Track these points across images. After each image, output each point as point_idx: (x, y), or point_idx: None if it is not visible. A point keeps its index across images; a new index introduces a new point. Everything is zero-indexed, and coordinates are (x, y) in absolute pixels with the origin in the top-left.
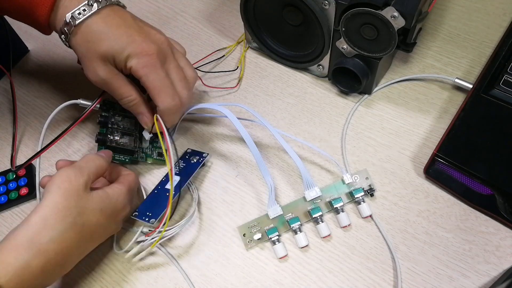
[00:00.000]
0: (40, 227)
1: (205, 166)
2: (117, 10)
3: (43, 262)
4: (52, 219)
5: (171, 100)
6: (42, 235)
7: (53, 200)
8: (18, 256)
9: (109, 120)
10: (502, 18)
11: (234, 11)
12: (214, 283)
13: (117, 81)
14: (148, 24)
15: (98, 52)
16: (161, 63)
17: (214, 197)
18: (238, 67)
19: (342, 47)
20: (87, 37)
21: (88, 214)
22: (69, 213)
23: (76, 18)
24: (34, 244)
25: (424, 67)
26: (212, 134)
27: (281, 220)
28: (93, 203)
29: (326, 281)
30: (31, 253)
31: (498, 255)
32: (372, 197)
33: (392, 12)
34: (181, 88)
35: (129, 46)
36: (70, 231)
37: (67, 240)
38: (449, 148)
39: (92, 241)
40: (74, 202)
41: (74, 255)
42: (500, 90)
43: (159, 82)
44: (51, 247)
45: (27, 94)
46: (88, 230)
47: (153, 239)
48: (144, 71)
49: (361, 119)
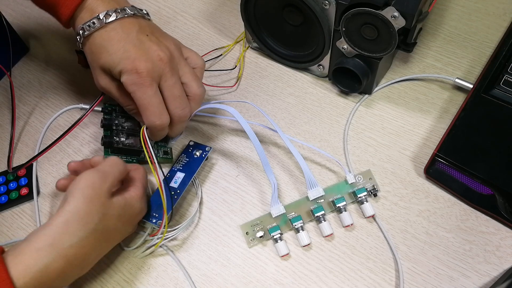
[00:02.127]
0: (61, 231)
1: (208, 161)
2: (125, 24)
3: (62, 265)
4: (74, 225)
5: (155, 119)
6: (63, 240)
7: (75, 206)
8: (38, 259)
9: (112, 123)
10: (502, 18)
11: (234, 11)
12: (215, 283)
13: (116, 91)
14: (157, 37)
15: (98, 64)
16: (152, 80)
17: (215, 197)
18: (236, 66)
19: (342, 47)
20: (92, 48)
21: (108, 220)
22: (91, 220)
23: (85, 30)
24: (54, 249)
25: (425, 67)
26: (212, 134)
27: (284, 219)
28: (113, 209)
29: (327, 281)
30: (51, 257)
31: (499, 255)
32: (375, 197)
33: (392, 12)
34: (174, 106)
35: (121, 62)
36: (90, 237)
37: (87, 245)
38: (449, 148)
39: (110, 244)
40: (96, 209)
41: (92, 258)
42: (500, 90)
43: (145, 101)
44: (71, 252)
45: (27, 94)
46: (107, 234)
47: (158, 239)
48: (132, 88)
49: (362, 119)
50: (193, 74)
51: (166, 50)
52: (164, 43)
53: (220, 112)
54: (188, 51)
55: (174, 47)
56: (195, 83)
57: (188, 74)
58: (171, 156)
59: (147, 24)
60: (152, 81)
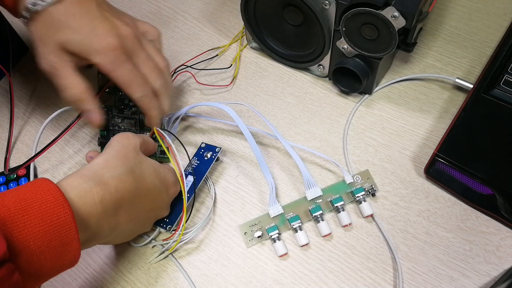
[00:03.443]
0: (102, 166)
1: (220, 161)
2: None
3: (103, 193)
4: (113, 162)
5: (143, 89)
6: (104, 171)
7: (114, 149)
8: (81, 182)
9: (109, 123)
10: (502, 18)
11: (234, 11)
12: (215, 283)
13: (66, 70)
14: (115, 12)
15: (56, 40)
16: (127, 56)
17: (216, 197)
18: (231, 65)
19: (342, 47)
20: (47, 24)
21: (144, 169)
22: (128, 161)
23: (37, 5)
24: (97, 176)
25: (425, 67)
26: (211, 134)
27: (282, 219)
28: (148, 162)
29: (327, 281)
30: (93, 182)
31: (499, 255)
32: (374, 197)
33: (392, 12)
34: (154, 78)
35: (92, 41)
36: (129, 175)
37: (126, 181)
38: (449, 148)
39: (144, 202)
40: (131, 154)
41: (128, 206)
42: (500, 90)
43: (127, 76)
44: (112, 182)
45: (27, 93)
46: (144, 184)
47: (173, 242)
48: (111, 66)
49: (362, 119)
50: (155, 47)
51: (129, 26)
52: (123, 18)
53: (216, 114)
54: (142, 25)
55: (132, 23)
56: (158, 56)
57: (151, 48)
58: (167, 156)
59: (102, 0)
60: (127, 56)
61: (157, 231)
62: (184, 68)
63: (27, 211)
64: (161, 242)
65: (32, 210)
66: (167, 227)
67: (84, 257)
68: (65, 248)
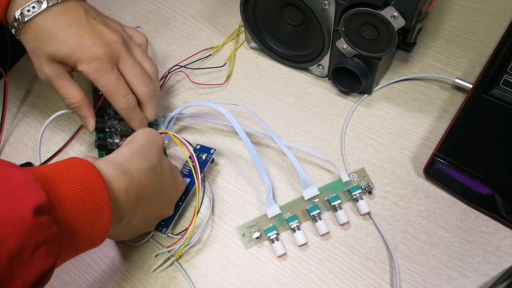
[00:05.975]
0: (128, 158)
1: (215, 163)
2: (70, 8)
3: (128, 183)
4: (138, 156)
5: (125, 101)
6: (130, 163)
7: (139, 144)
8: (109, 169)
9: (105, 125)
10: (502, 18)
11: (234, 11)
12: (214, 283)
13: (61, 81)
14: (104, 20)
15: (45, 52)
16: (112, 65)
17: (214, 197)
18: (225, 64)
19: (342, 47)
20: (36, 35)
21: (163, 167)
22: (151, 158)
23: (24, 15)
24: (123, 166)
25: (424, 67)
26: (211, 134)
27: (280, 220)
28: (166, 161)
29: (326, 281)
30: (120, 171)
31: (498, 255)
32: (371, 196)
33: (392, 12)
34: (139, 85)
35: (78, 50)
36: (151, 171)
37: (148, 176)
38: (449, 148)
39: (158, 199)
40: (155, 151)
41: (144, 201)
42: (500, 90)
43: (109, 86)
44: (136, 174)
45: (27, 94)
46: (162, 182)
47: (179, 247)
48: (94, 75)
49: (361, 119)
50: (143, 52)
51: (116, 32)
52: (111, 24)
53: (215, 115)
54: (130, 30)
55: (121, 28)
56: (147, 61)
57: (139, 53)
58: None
59: (89, 6)
60: (112, 65)
61: (152, 233)
62: (178, 68)
63: (63, 176)
64: (165, 249)
65: (68, 175)
66: (162, 230)
67: (84, 257)
68: (97, 215)
